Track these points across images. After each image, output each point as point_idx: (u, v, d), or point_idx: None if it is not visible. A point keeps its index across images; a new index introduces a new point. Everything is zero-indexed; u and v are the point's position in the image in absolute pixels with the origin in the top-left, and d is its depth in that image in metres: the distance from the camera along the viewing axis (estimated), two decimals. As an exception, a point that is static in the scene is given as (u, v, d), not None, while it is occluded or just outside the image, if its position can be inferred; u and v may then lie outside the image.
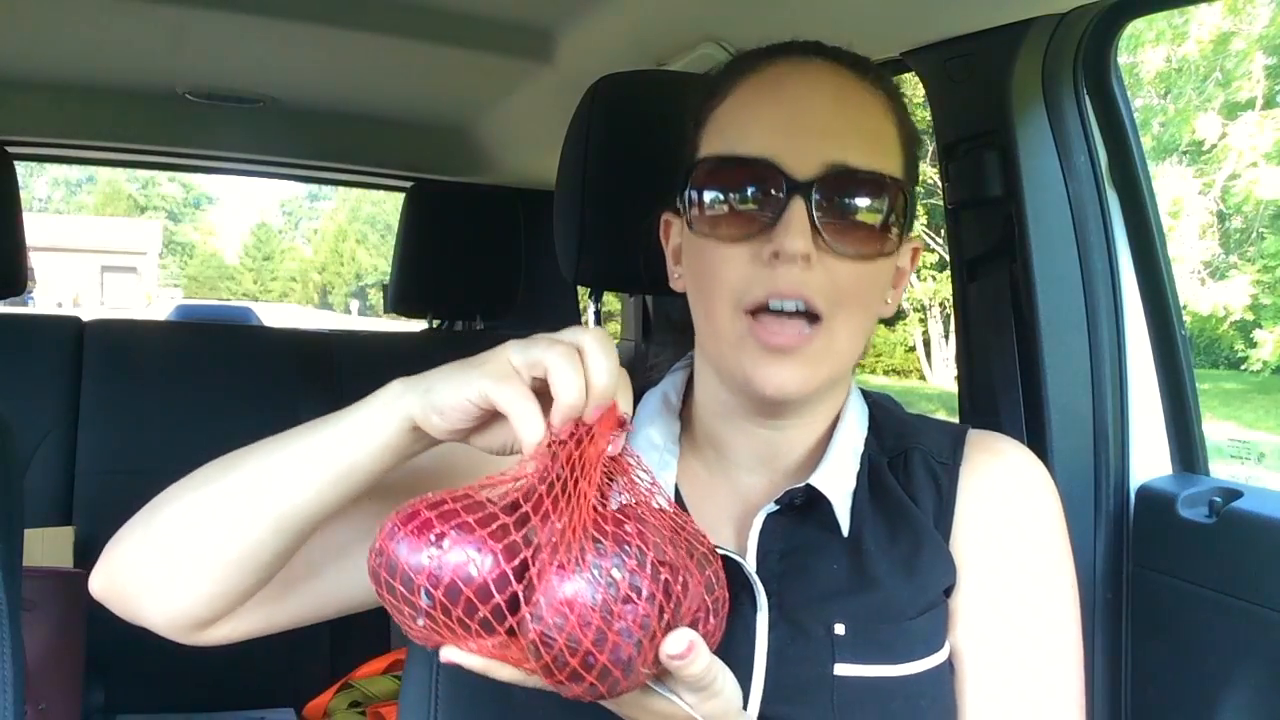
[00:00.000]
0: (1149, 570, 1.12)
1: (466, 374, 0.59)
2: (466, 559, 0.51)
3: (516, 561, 0.52)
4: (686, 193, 0.74)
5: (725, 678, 0.59)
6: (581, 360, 0.58)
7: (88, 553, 1.87)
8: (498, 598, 0.51)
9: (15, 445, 1.00)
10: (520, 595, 0.52)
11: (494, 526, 0.52)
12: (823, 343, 0.70)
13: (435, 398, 0.60)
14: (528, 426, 0.56)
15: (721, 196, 0.72)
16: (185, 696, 1.95)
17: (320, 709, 1.95)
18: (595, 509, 0.53)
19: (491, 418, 0.61)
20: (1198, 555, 1.06)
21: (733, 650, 0.67)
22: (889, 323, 0.95)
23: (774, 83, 0.74)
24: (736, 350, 0.71)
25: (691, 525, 0.59)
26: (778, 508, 0.75)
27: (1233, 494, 1.07)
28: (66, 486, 1.93)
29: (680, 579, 0.52)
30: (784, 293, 0.69)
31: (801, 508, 0.75)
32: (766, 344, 0.69)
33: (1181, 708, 1.06)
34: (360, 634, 2.05)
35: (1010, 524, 0.77)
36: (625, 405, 0.59)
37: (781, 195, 0.69)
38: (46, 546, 1.82)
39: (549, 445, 0.55)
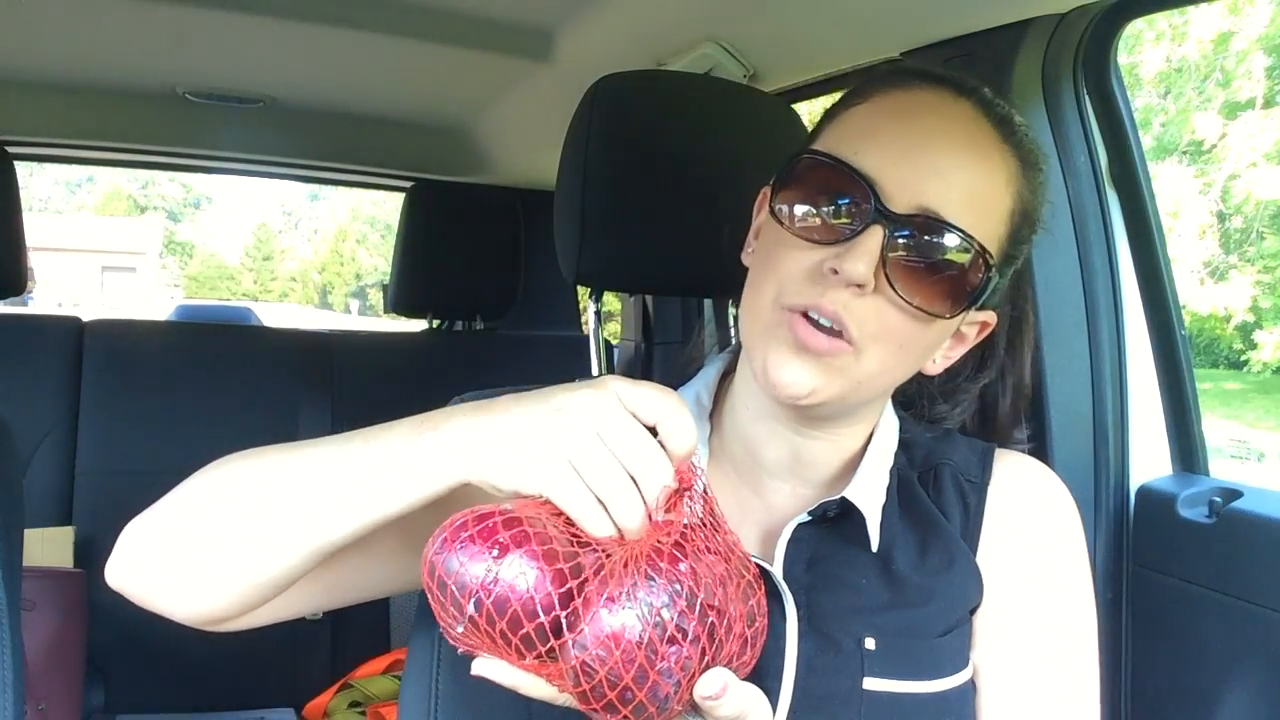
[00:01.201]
0: (1149, 570, 1.12)
1: (525, 464, 0.56)
2: (520, 576, 0.51)
3: (566, 587, 0.52)
4: (783, 175, 0.72)
5: (757, 711, 0.58)
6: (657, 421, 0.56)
7: (88, 553, 1.87)
8: (543, 618, 0.51)
9: (15, 445, 1.00)
10: (564, 620, 0.51)
11: (553, 546, 0.52)
12: (848, 360, 0.69)
13: (494, 477, 0.57)
14: (595, 528, 0.54)
15: (809, 194, 0.70)
16: (185, 696, 1.95)
17: (320, 709, 1.95)
18: (659, 537, 0.53)
19: None
20: (1198, 555, 1.06)
21: (762, 659, 0.67)
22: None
23: (911, 106, 0.71)
24: (765, 336, 0.70)
25: (740, 549, 0.58)
26: (810, 518, 0.75)
27: (1233, 494, 1.07)
28: (66, 486, 1.94)
29: (725, 622, 0.52)
30: (824, 310, 0.67)
31: (832, 520, 0.75)
32: (795, 339, 0.68)
33: (1181, 708, 1.06)
34: (360, 634, 2.05)
35: (1035, 544, 0.78)
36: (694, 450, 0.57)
37: (865, 219, 0.67)
38: (46, 546, 1.82)
39: None
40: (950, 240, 0.68)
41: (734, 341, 0.85)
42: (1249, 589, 1.00)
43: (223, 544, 0.66)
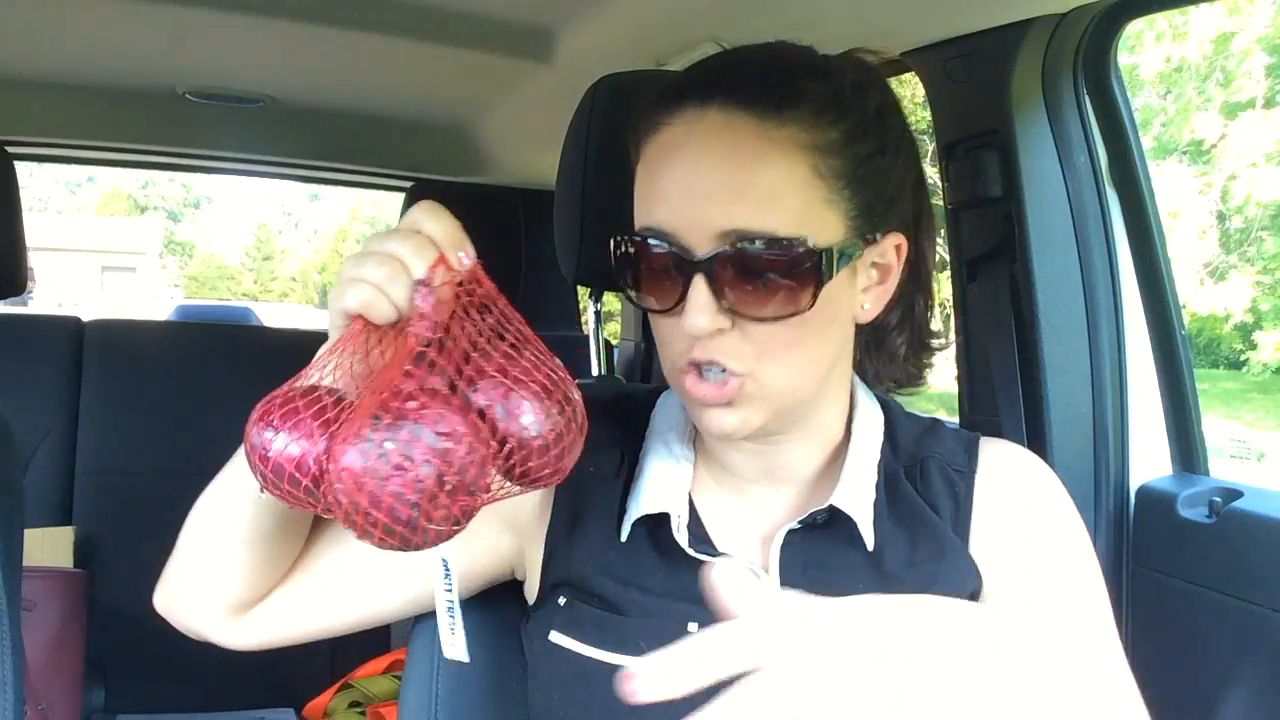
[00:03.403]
0: (1149, 570, 1.12)
1: (332, 297, 0.65)
2: (289, 444, 0.62)
3: (326, 436, 0.62)
4: (615, 261, 0.75)
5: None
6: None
7: (88, 553, 1.86)
8: (314, 469, 0.61)
9: (15, 445, 1.00)
10: (326, 468, 0.62)
11: (322, 409, 0.63)
12: (751, 389, 0.71)
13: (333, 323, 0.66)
14: (378, 314, 0.63)
15: (635, 274, 0.73)
16: (185, 696, 1.95)
17: (320, 709, 1.96)
18: (398, 385, 0.62)
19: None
20: (1198, 555, 1.06)
21: None
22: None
23: (669, 147, 0.71)
24: (681, 394, 0.75)
25: (531, 355, 0.64)
26: (800, 526, 0.75)
27: (1233, 494, 1.07)
28: (66, 486, 1.93)
29: (467, 445, 0.59)
30: (701, 360, 0.70)
31: (824, 524, 0.75)
32: (695, 397, 0.72)
33: (1181, 708, 1.06)
34: (360, 634, 2.03)
35: (1027, 520, 0.78)
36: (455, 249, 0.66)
37: (683, 275, 0.69)
38: (46, 546, 1.82)
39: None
40: (762, 247, 0.67)
41: None
42: (1249, 589, 1.00)
43: (198, 527, 0.77)
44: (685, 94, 0.71)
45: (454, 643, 0.75)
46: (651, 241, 0.70)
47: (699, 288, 0.68)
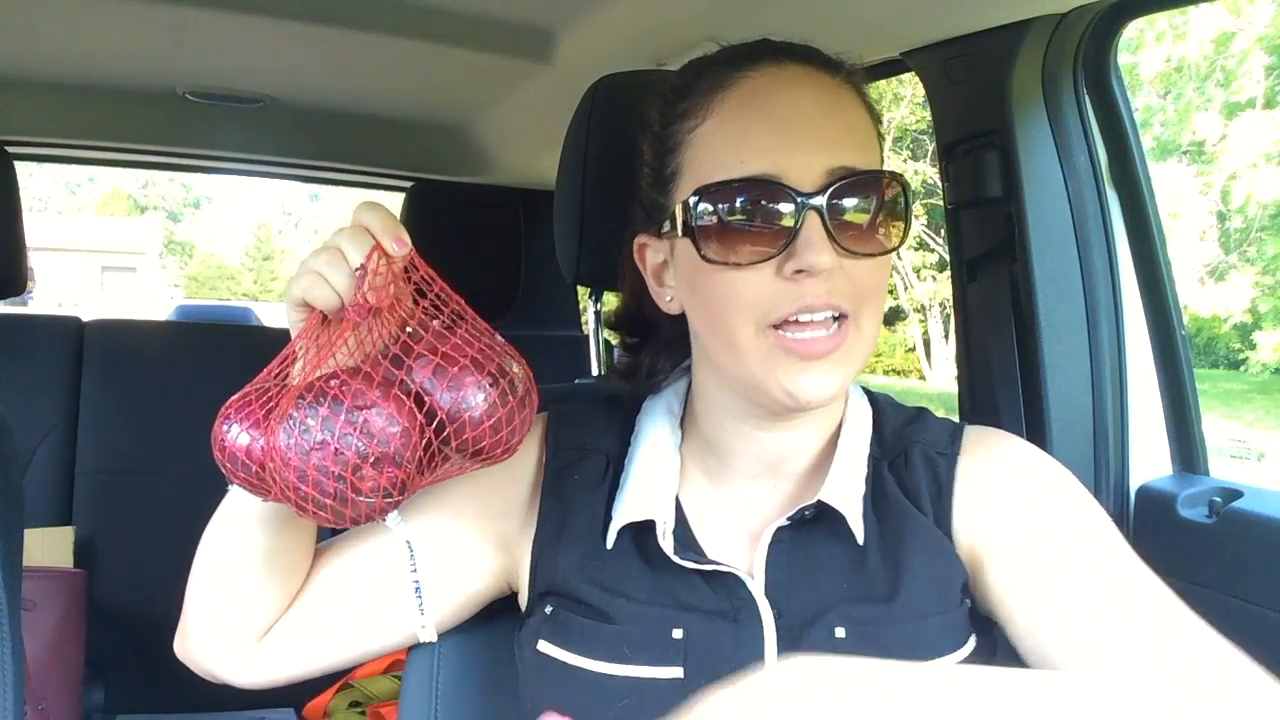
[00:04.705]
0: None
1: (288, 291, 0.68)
2: (239, 436, 0.65)
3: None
4: (692, 222, 0.72)
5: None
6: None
7: (88, 553, 1.86)
8: (260, 455, 0.64)
9: (15, 445, 1.00)
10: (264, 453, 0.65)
11: (270, 401, 0.65)
12: (852, 339, 0.71)
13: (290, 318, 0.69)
14: (321, 300, 0.66)
15: (730, 222, 0.70)
16: (185, 696, 1.95)
17: (320, 709, 1.95)
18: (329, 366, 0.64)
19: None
20: (1198, 555, 1.06)
21: (741, 663, 0.68)
22: (888, 322, 0.95)
23: (756, 96, 0.72)
24: (766, 365, 0.71)
25: (465, 333, 0.68)
26: (789, 523, 0.75)
27: (1233, 494, 1.07)
28: (66, 486, 1.93)
29: (385, 416, 0.61)
30: (814, 306, 0.69)
31: (812, 519, 0.75)
32: (800, 353, 0.70)
33: (1181, 708, 1.06)
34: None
35: (1012, 487, 0.76)
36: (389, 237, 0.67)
37: (793, 212, 0.69)
38: (46, 546, 1.82)
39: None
40: (867, 184, 0.71)
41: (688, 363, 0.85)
42: (1249, 589, 1.00)
43: (200, 561, 0.80)
44: (758, 53, 0.75)
45: (423, 624, 0.79)
46: (756, 181, 0.70)
47: (813, 224, 0.69)
